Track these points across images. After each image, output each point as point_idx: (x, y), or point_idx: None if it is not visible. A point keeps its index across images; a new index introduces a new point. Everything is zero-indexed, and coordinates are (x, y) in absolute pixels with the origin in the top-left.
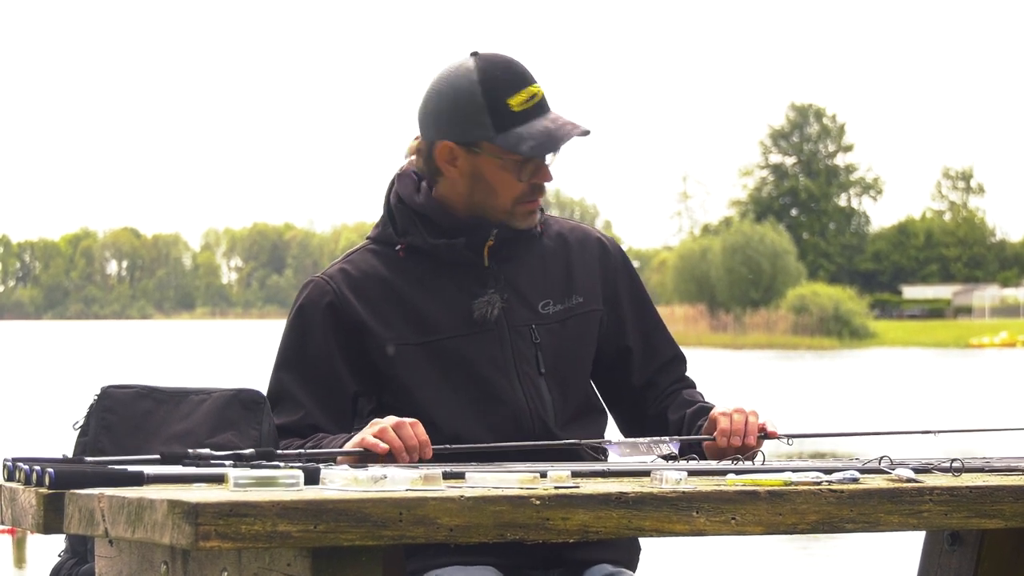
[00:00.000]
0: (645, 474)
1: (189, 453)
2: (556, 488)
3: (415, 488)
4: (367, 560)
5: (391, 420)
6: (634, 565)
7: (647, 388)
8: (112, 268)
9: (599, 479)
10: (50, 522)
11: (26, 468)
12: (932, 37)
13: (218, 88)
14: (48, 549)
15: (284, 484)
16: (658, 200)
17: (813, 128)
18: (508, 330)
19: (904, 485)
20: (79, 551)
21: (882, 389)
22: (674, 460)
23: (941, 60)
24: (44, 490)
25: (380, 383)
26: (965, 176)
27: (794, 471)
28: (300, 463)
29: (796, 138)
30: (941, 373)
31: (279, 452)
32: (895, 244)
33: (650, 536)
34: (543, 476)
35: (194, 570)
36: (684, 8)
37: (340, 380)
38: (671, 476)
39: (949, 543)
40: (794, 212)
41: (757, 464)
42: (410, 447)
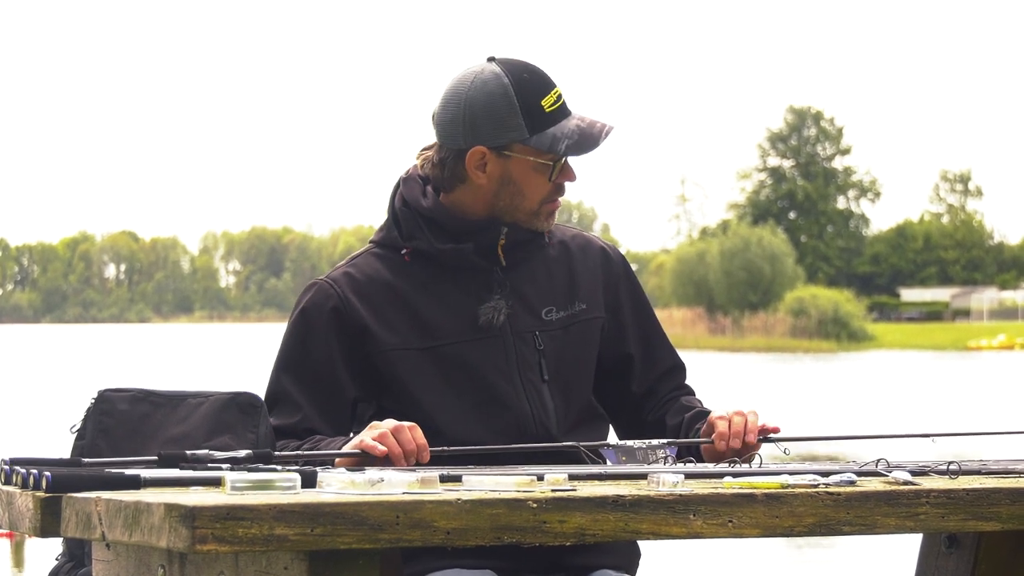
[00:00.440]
0: (642, 477)
1: (187, 455)
2: (553, 491)
3: (412, 491)
4: (364, 563)
5: (390, 423)
6: (634, 570)
7: (647, 396)
8: (110, 272)
9: (596, 482)
10: (47, 526)
11: (23, 471)
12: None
13: (217, 92)
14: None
15: (281, 487)
16: (656, 203)
17: (811, 131)
18: (512, 336)
19: (901, 488)
20: (77, 554)
21: (880, 392)
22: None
23: (939, 63)
24: (41, 493)
25: (382, 387)
26: (963, 179)
27: (791, 474)
28: (297, 466)
29: (794, 141)
30: (939, 376)
31: (276, 455)
32: (893, 247)
33: (647, 539)
34: (540, 479)
35: (191, 573)
36: (682, 11)
37: (340, 385)
38: (668, 479)
39: (946, 546)
40: (792, 215)
41: (754, 467)
42: (408, 451)
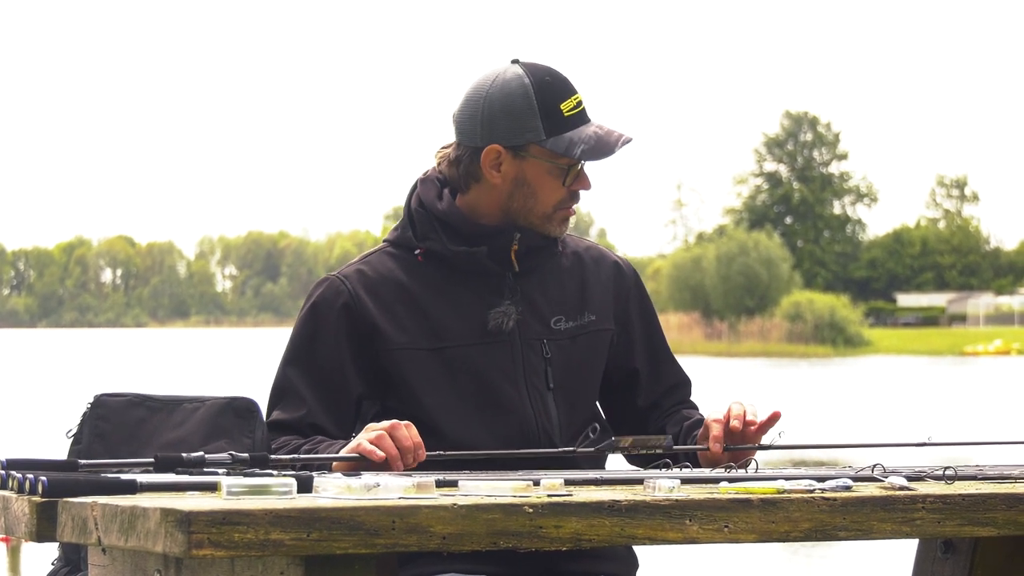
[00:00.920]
0: (638, 482)
1: (183, 458)
2: (549, 496)
3: (408, 496)
4: (360, 568)
5: (386, 424)
6: None
7: (651, 409)
8: (107, 276)
9: (592, 487)
10: (43, 531)
11: (19, 476)
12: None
13: (213, 97)
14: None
15: (277, 492)
16: (652, 208)
17: (807, 136)
18: (520, 342)
19: (897, 493)
20: (73, 559)
21: (876, 397)
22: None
23: (935, 68)
24: (37, 498)
25: (388, 386)
26: (959, 184)
27: (787, 479)
28: (293, 471)
29: (791, 146)
30: (935, 381)
31: (272, 458)
32: (890, 252)
33: (643, 544)
34: (536, 484)
35: None
36: (678, 16)
37: (346, 382)
38: (664, 484)
39: (942, 551)
40: (788, 220)
41: (750, 472)
42: (404, 448)
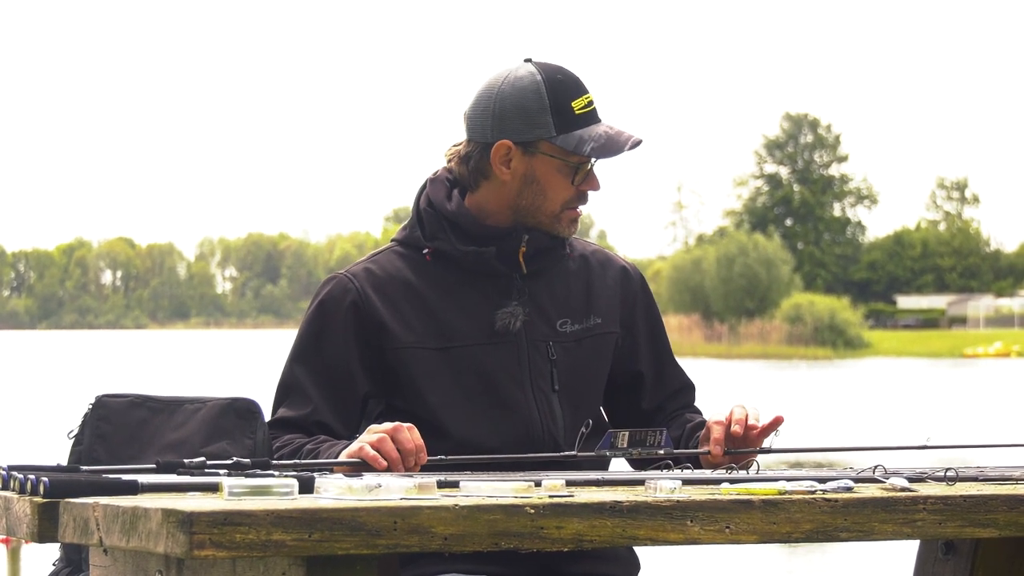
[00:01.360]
0: (640, 483)
1: (185, 463)
2: (551, 497)
3: (410, 497)
4: (362, 569)
5: (388, 426)
6: None
7: (655, 412)
8: (107, 278)
9: (594, 488)
10: (44, 531)
11: (20, 477)
12: (927, 48)
13: (213, 98)
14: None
15: (278, 493)
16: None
17: (808, 138)
18: (526, 344)
19: (898, 494)
20: (74, 560)
21: (877, 399)
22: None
23: (936, 70)
24: (39, 499)
25: (394, 385)
26: (960, 186)
27: (788, 480)
28: (295, 472)
29: (791, 148)
30: (936, 383)
31: (274, 461)
32: (890, 254)
33: (644, 545)
34: (538, 485)
35: None
36: (678, 18)
37: (353, 380)
38: (665, 485)
39: (943, 552)
40: (788, 222)
41: (751, 473)
42: (406, 452)
